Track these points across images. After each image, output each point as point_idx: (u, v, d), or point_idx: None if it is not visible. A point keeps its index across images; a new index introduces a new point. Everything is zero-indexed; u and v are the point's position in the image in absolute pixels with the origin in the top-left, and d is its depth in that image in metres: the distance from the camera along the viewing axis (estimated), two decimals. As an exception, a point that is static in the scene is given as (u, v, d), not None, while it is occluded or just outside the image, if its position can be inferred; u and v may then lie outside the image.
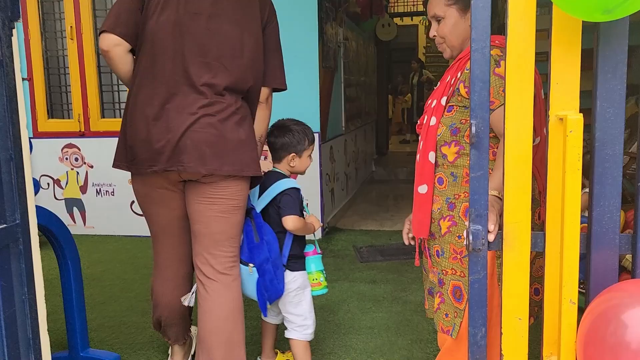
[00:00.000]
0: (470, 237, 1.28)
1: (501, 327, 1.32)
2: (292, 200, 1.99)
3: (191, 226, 1.91)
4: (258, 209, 2.02)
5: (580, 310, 1.24)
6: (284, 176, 2.08)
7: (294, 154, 2.08)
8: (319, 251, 2.13)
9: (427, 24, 12.51)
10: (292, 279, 2.04)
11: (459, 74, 1.56)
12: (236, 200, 1.85)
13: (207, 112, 1.74)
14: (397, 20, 9.16)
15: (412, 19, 11.88)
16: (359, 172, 6.18)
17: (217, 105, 1.76)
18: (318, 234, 4.06)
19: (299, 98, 4.09)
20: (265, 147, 2.13)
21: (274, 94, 2.06)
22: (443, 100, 1.61)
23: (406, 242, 1.76)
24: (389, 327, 2.57)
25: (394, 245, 3.94)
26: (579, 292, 1.34)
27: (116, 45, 1.77)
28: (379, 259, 3.63)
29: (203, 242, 1.87)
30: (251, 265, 1.95)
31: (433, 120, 1.62)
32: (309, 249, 2.13)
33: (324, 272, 2.14)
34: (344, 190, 5.17)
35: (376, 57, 8.05)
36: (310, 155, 2.13)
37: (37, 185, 4.31)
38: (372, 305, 2.84)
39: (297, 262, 2.07)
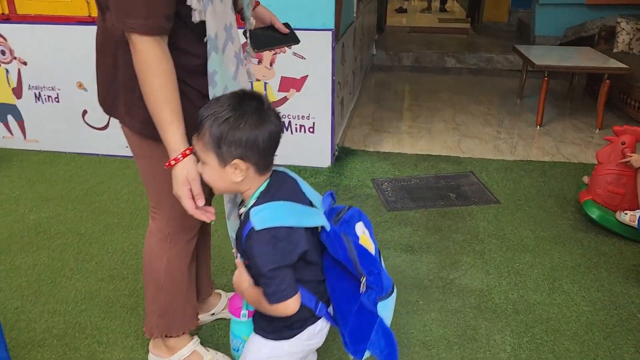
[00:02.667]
0: None
1: None
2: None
3: None
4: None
5: None
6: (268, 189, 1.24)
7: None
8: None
9: None
10: None
11: None
12: (131, 148, 1.53)
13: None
14: None
15: None
16: (363, 62, 5.15)
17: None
18: (327, 163, 3.23)
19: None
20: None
21: None
22: None
23: None
24: (449, 344, 1.88)
25: (423, 181, 3.15)
26: None
27: None
28: (411, 206, 2.85)
29: None
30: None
31: None
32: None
33: None
34: (351, 94, 4.21)
35: None
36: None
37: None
38: (418, 297, 2.12)
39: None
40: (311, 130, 3.19)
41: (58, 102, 3.42)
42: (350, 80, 4.02)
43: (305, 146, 3.21)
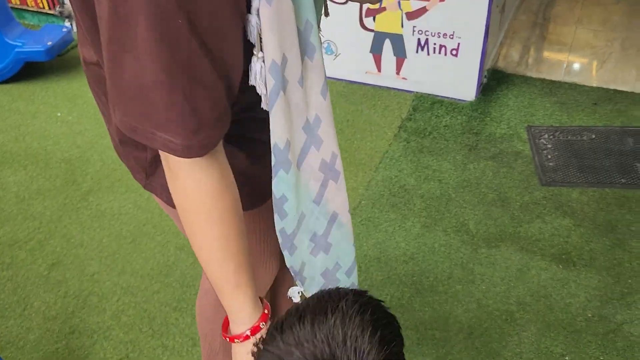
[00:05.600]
0: None
1: None
2: None
3: None
4: None
5: None
6: None
7: None
8: None
9: None
10: None
11: None
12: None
13: None
14: None
15: None
16: None
17: None
18: (470, 95, 2.52)
19: None
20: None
21: None
22: None
23: None
24: None
25: (601, 136, 2.31)
26: None
27: None
28: (576, 179, 2.11)
29: None
30: None
31: None
32: None
33: None
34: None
35: None
36: None
37: None
38: (564, 348, 1.55)
39: None
40: (454, 52, 2.43)
41: None
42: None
43: (445, 72, 2.49)
